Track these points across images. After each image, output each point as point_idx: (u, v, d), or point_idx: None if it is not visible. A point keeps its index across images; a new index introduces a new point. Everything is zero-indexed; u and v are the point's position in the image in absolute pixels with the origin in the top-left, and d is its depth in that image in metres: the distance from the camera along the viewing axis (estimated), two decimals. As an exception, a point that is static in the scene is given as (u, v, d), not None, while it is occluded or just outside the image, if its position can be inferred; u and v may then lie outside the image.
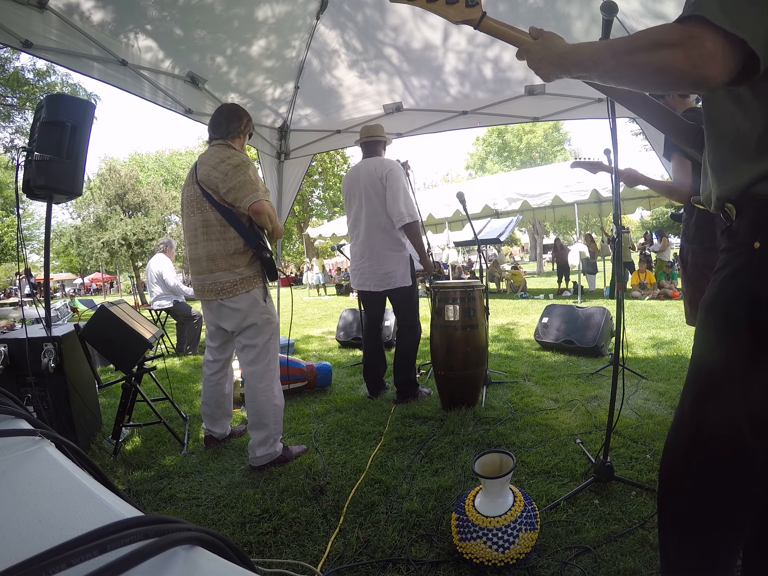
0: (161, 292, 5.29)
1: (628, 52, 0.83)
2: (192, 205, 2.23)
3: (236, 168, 2.10)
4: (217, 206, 2.14)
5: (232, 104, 2.39)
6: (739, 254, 0.91)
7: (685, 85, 0.82)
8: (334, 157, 25.19)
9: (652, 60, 0.79)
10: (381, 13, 3.23)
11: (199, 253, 2.21)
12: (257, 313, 2.20)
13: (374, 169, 3.07)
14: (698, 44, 0.74)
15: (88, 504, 0.35)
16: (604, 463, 1.85)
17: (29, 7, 2.24)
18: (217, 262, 2.16)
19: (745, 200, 0.89)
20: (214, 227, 2.16)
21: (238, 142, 2.30)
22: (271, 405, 2.22)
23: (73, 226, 21.40)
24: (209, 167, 2.15)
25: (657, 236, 11.53)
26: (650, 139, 3.76)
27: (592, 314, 4.34)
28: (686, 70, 0.76)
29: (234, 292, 2.16)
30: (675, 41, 0.76)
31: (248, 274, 2.18)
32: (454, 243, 11.95)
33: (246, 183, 2.08)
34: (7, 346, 2.20)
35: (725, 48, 0.73)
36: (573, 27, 3.07)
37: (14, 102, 12.48)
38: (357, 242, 3.23)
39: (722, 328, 0.94)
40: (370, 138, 3.21)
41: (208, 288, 2.20)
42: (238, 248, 2.16)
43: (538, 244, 25.13)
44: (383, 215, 3.07)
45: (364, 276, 3.17)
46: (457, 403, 2.91)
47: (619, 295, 1.85)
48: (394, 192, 3.02)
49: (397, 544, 1.61)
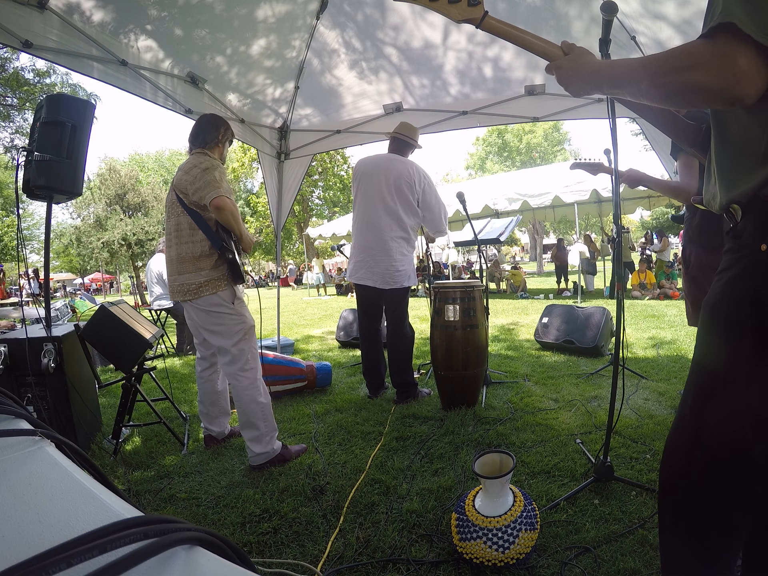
0: (161, 292, 5.29)
1: (662, 73, 0.82)
2: (169, 210, 2.34)
3: (204, 171, 2.17)
4: (187, 209, 2.22)
5: (210, 115, 2.47)
6: (744, 255, 0.90)
7: (721, 104, 0.81)
8: (334, 157, 25.18)
9: (686, 81, 0.78)
10: (381, 12, 3.22)
11: (171, 255, 2.30)
12: (224, 314, 2.24)
13: (408, 172, 3.05)
14: (731, 63, 0.73)
15: (88, 504, 0.35)
16: (604, 463, 1.85)
17: (29, 7, 2.23)
18: (185, 264, 2.23)
19: (753, 202, 0.88)
20: (185, 230, 2.24)
21: (216, 150, 2.37)
22: (255, 403, 2.23)
23: (73, 226, 21.40)
24: (182, 172, 2.24)
25: (657, 236, 11.53)
26: (650, 139, 3.76)
27: (592, 314, 4.34)
28: (721, 90, 0.75)
29: (199, 293, 2.20)
30: (708, 62, 0.75)
31: (213, 277, 2.22)
32: (454, 243, 11.93)
33: (210, 182, 2.15)
34: (7, 346, 2.20)
35: (758, 62, 0.72)
36: (572, 27, 3.07)
37: (14, 102, 12.48)
38: (365, 236, 3.13)
39: (725, 328, 0.93)
40: (405, 137, 3.20)
41: (176, 289, 2.27)
42: (204, 251, 2.22)
43: (538, 244, 25.13)
44: (404, 215, 3.07)
45: (371, 271, 3.09)
46: (457, 403, 2.91)
47: (619, 295, 1.85)
48: (435, 203, 3.12)
49: (397, 544, 1.61)
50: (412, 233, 3.16)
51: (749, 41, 0.71)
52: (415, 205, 3.09)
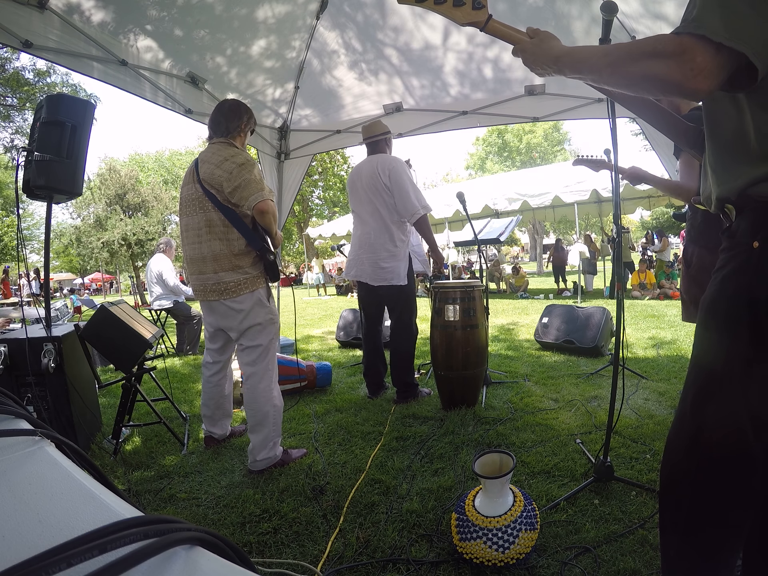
0: (161, 292, 5.29)
1: (622, 61, 0.85)
2: (194, 205, 2.18)
3: (241, 167, 2.07)
4: (220, 206, 2.11)
5: (232, 101, 2.34)
6: (738, 254, 0.91)
7: (675, 95, 0.85)
8: (334, 157, 25.18)
9: (644, 70, 0.82)
10: (381, 13, 3.23)
11: (203, 252, 2.17)
12: (261, 313, 2.19)
13: (376, 166, 3.08)
14: (689, 59, 0.76)
15: (88, 504, 0.35)
16: (604, 463, 1.85)
17: (29, 7, 2.24)
18: (221, 262, 2.13)
19: (744, 201, 0.89)
20: (218, 227, 2.13)
21: (239, 140, 2.25)
22: (271, 405, 2.20)
23: (73, 226, 21.39)
24: (212, 165, 2.10)
25: (657, 236, 11.53)
26: (650, 139, 3.76)
27: (591, 314, 4.34)
28: (677, 82, 0.78)
29: (238, 291, 2.14)
30: (668, 53, 0.78)
31: (253, 275, 2.17)
32: (454, 243, 11.95)
33: (251, 182, 2.06)
34: (7, 346, 2.19)
35: (717, 61, 0.75)
36: (573, 27, 3.07)
37: (14, 102, 12.48)
38: (356, 234, 3.25)
39: (722, 326, 0.94)
40: (371, 138, 3.23)
41: (210, 288, 2.17)
42: (242, 248, 2.14)
43: (538, 244, 25.13)
44: (385, 212, 3.07)
45: (362, 267, 3.16)
46: (457, 403, 2.91)
47: (619, 295, 1.85)
48: (401, 187, 3.00)
49: (397, 544, 1.61)
50: (396, 228, 3.08)
51: (711, 44, 0.75)
52: (389, 196, 3.06)
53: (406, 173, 3.07)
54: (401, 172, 3.02)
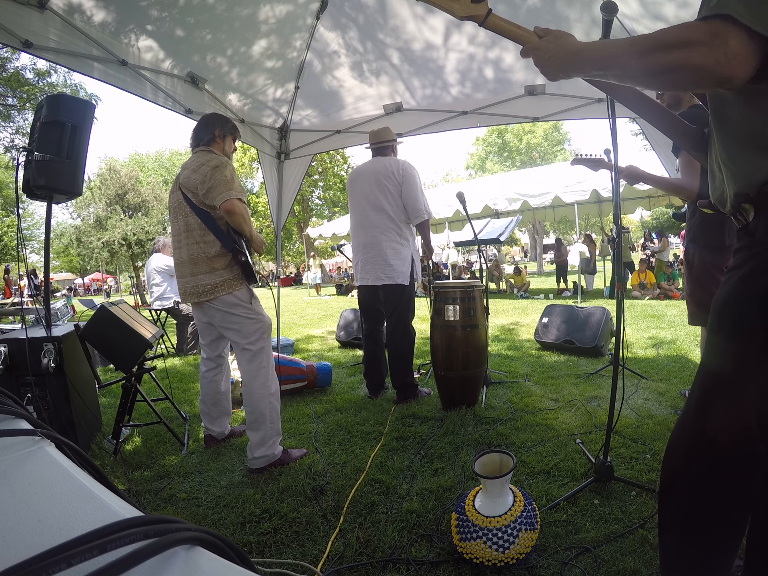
0: (161, 293, 5.30)
1: (650, 50, 0.81)
2: (176, 210, 2.29)
3: (214, 169, 2.14)
4: (196, 210, 2.19)
5: (206, 115, 2.47)
6: (757, 253, 0.89)
7: (708, 84, 0.80)
8: (334, 157, 25.17)
9: (676, 58, 0.78)
10: (382, 13, 3.22)
11: (182, 256, 2.27)
12: (242, 314, 2.23)
13: (387, 167, 3.12)
14: (722, 43, 0.73)
15: (88, 504, 0.35)
16: (604, 463, 1.85)
17: (29, 7, 2.23)
18: (199, 266, 2.21)
19: (763, 199, 0.87)
20: (195, 231, 2.21)
21: (217, 146, 2.35)
22: (267, 403, 2.23)
23: (73, 226, 21.39)
24: (190, 171, 2.21)
25: (657, 236, 11.52)
26: (650, 139, 3.75)
27: (591, 314, 4.34)
28: (710, 69, 0.75)
29: (215, 293, 2.19)
30: (700, 40, 0.75)
31: (228, 276, 2.21)
32: (454, 243, 11.93)
33: (221, 182, 2.11)
34: (7, 346, 2.19)
35: (750, 46, 0.73)
36: (573, 29, 3.07)
37: (14, 102, 12.48)
38: (359, 238, 3.25)
39: (734, 326, 0.92)
40: (378, 143, 3.27)
41: (189, 291, 2.24)
42: (217, 251, 2.20)
43: (538, 244, 25.09)
44: (390, 212, 3.11)
45: (366, 269, 3.18)
46: (457, 403, 2.91)
47: (619, 295, 1.85)
48: (413, 188, 3.12)
49: (397, 544, 1.61)
50: (403, 226, 3.16)
51: (742, 26, 0.72)
52: (398, 195, 3.13)
53: (419, 178, 3.21)
54: (415, 175, 3.16)
